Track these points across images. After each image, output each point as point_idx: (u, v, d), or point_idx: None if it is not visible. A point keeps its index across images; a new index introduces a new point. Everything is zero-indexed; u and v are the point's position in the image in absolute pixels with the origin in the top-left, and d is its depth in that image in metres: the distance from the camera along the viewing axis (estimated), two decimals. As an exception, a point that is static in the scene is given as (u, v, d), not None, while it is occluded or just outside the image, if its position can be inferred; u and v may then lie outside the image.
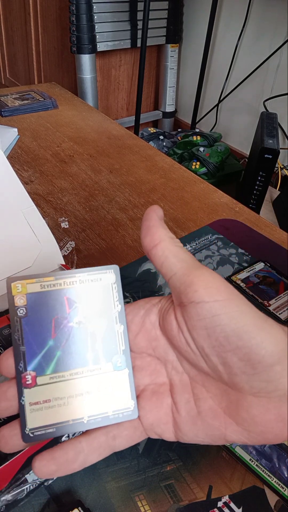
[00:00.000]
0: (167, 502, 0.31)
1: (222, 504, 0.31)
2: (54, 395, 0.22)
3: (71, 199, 0.64)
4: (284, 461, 0.33)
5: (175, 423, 0.23)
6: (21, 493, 0.26)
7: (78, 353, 0.23)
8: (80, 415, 0.22)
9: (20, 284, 0.23)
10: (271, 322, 0.22)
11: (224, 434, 0.22)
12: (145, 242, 0.24)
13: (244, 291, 0.48)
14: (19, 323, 0.22)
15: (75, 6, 1.59)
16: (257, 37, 1.70)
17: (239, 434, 0.22)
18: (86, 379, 0.23)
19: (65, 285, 0.23)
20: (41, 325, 0.23)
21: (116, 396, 0.23)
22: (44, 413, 0.22)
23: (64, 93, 1.03)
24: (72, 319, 0.23)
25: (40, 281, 0.23)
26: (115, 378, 0.23)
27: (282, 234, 0.59)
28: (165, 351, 0.24)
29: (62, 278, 0.23)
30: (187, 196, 0.67)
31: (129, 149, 0.80)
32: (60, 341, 0.23)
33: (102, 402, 0.23)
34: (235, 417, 0.22)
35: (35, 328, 0.23)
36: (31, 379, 0.22)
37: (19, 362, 0.22)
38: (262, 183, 1.26)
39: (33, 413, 0.22)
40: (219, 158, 1.63)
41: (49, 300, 0.23)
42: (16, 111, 0.90)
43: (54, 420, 0.22)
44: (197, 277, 0.22)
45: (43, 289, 0.23)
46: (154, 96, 2.19)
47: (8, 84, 2.49)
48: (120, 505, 0.31)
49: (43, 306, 0.23)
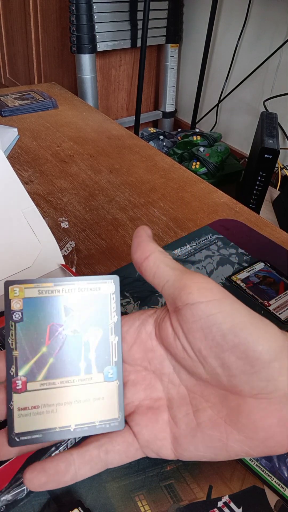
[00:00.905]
0: (167, 502, 0.31)
1: (222, 504, 0.31)
2: (43, 401, 0.22)
3: (71, 199, 0.64)
4: (284, 461, 0.33)
5: (173, 439, 0.23)
6: (21, 493, 0.26)
7: (71, 362, 0.23)
8: (68, 422, 0.22)
9: (18, 288, 0.23)
10: (266, 320, 0.22)
11: (225, 445, 0.22)
12: (136, 256, 0.24)
13: (244, 291, 0.48)
14: (13, 328, 0.22)
15: (75, 6, 1.59)
16: (257, 37, 1.70)
17: (241, 443, 0.21)
18: (76, 388, 0.23)
19: (63, 292, 0.23)
20: (36, 331, 0.23)
21: (104, 407, 0.23)
22: (31, 418, 0.22)
23: (64, 93, 1.03)
24: (67, 327, 0.23)
25: (38, 286, 0.23)
26: (105, 389, 0.23)
27: (282, 234, 0.59)
28: (161, 362, 0.24)
29: (60, 285, 0.23)
30: (187, 196, 0.67)
31: (129, 149, 0.80)
32: (53, 348, 0.23)
33: (90, 412, 0.23)
34: (236, 424, 0.22)
35: (29, 333, 0.22)
36: (21, 384, 0.22)
37: (11, 366, 0.22)
38: (262, 183, 1.26)
39: (21, 418, 0.22)
40: (219, 158, 1.63)
41: (45, 306, 0.23)
42: (16, 111, 0.90)
43: (41, 426, 0.22)
44: (190, 280, 0.22)
45: (40, 294, 0.23)
46: (154, 96, 2.19)
47: (8, 84, 2.49)
48: (120, 505, 0.31)
49: (39, 312, 0.23)
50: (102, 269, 0.51)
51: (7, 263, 0.38)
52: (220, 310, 0.21)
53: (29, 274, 0.39)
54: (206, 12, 1.79)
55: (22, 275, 0.39)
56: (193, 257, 0.53)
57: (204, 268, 0.51)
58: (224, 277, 0.50)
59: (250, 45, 1.74)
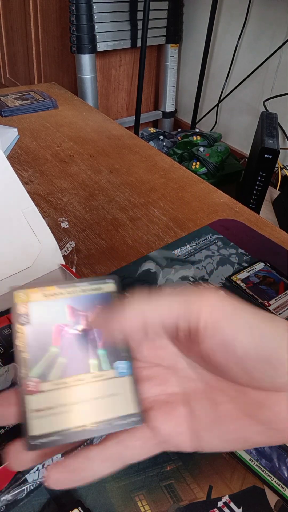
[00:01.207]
0: (167, 502, 0.31)
1: (222, 504, 0.31)
2: (57, 401, 0.22)
3: (71, 199, 0.64)
4: (284, 461, 0.33)
5: (193, 432, 0.23)
6: (21, 493, 0.26)
7: (81, 360, 0.23)
8: (84, 422, 0.22)
9: (23, 293, 0.23)
10: (278, 320, 0.22)
11: (245, 436, 0.22)
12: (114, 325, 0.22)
13: (244, 290, 0.48)
14: (21, 331, 0.22)
15: (75, 6, 1.59)
16: (257, 37, 1.70)
17: (262, 434, 0.22)
18: (89, 385, 0.23)
19: (67, 294, 0.24)
20: (44, 332, 0.23)
21: (121, 403, 0.23)
22: (47, 420, 0.21)
23: (64, 93, 1.03)
24: (73, 327, 0.23)
25: (42, 290, 0.23)
26: (119, 385, 0.23)
27: (282, 234, 0.59)
28: (174, 359, 0.24)
29: (64, 288, 0.24)
30: (187, 196, 0.67)
31: (129, 149, 0.80)
32: (62, 348, 0.23)
33: (106, 409, 0.22)
34: (257, 416, 0.22)
35: (37, 335, 0.23)
36: (34, 386, 0.22)
37: (21, 368, 0.22)
38: (262, 183, 1.26)
39: (36, 420, 0.21)
40: (219, 158, 1.63)
41: (51, 308, 0.23)
42: (16, 111, 0.90)
43: (57, 427, 0.21)
44: (200, 301, 0.22)
45: (45, 298, 0.23)
46: (154, 96, 2.19)
47: (8, 84, 2.49)
48: (120, 505, 0.31)
49: (46, 314, 0.23)
50: (102, 269, 0.51)
51: (7, 263, 0.38)
52: (236, 326, 0.21)
53: (29, 274, 0.39)
54: (206, 12, 1.79)
55: (22, 275, 0.39)
56: (193, 257, 0.53)
57: (204, 268, 0.51)
58: (224, 277, 0.50)
59: (250, 45, 1.73)
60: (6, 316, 0.37)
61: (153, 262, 0.52)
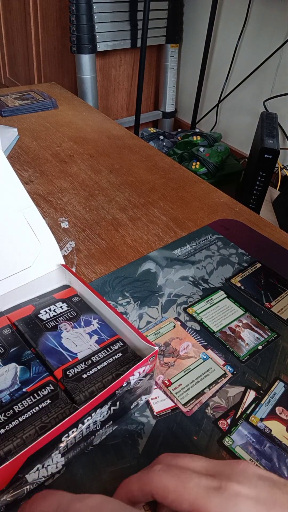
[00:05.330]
0: (167, 502, 0.31)
1: (222, 504, 0.31)
2: None
3: (71, 199, 0.64)
4: (284, 461, 0.33)
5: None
6: (21, 493, 0.26)
7: None
8: None
9: None
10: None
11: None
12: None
13: (245, 291, 0.48)
14: None
15: (75, 6, 1.59)
16: (257, 37, 1.70)
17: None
18: None
19: None
20: None
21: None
22: None
23: (64, 93, 1.03)
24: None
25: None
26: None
27: (282, 234, 0.59)
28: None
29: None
30: (187, 196, 0.67)
31: (129, 149, 0.80)
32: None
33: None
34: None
35: None
36: None
37: None
38: (262, 183, 1.26)
39: None
40: (219, 158, 1.63)
41: None
42: (16, 111, 0.90)
43: None
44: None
45: None
46: (154, 96, 2.19)
47: (8, 84, 2.49)
48: (120, 505, 0.31)
49: None
50: (102, 269, 0.51)
51: (7, 263, 0.38)
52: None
53: (29, 274, 0.39)
54: (206, 12, 1.79)
55: (22, 275, 0.39)
56: (193, 257, 0.53)
57: (204, 268, 0.51)
58: (224, 277, 0.50)
59: (250, 45, 1.74)
60: (6, 316, 0.37)
61: (153, 262, 0.52)
